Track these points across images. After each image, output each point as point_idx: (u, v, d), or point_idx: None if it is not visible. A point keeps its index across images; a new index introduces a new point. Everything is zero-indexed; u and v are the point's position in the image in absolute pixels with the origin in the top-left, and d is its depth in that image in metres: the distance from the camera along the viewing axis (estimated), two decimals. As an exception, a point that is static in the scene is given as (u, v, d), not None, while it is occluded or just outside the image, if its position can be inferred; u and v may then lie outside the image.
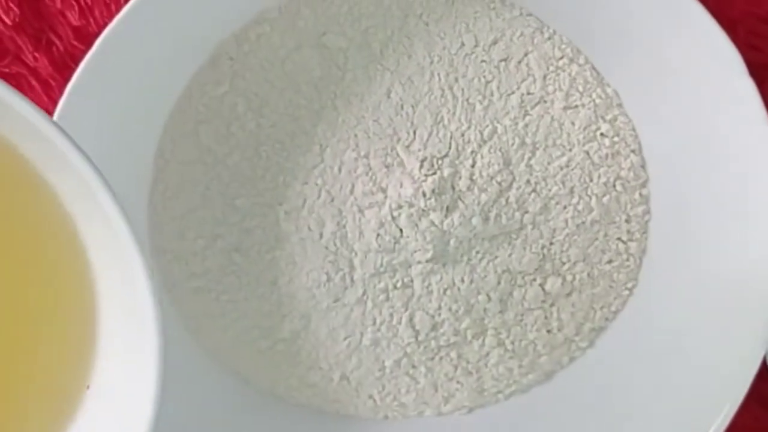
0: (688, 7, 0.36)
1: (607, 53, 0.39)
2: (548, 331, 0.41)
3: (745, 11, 0.42)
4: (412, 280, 0.40)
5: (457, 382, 0.41)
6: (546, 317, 0.41)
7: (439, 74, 0.39)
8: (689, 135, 0.39)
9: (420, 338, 0.40)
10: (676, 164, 0.39)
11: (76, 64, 0.41)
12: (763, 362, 0.38)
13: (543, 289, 0.40)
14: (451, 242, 0.39)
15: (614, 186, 0.40)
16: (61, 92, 0.38)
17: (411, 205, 0.39)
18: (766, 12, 0.42)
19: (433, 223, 0.39)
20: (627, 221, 0.40)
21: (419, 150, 0.39)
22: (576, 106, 0.40)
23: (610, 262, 0.40)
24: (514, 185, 0.40)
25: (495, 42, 0.39)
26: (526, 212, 0.40)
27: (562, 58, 0.40)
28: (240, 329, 0.41)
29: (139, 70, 0.38)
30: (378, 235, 0.39)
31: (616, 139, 0.40)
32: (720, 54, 0.36)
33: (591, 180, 0.40)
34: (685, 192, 0.39)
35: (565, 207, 0.40)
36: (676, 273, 0.40)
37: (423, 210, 0.39)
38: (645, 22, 0.37)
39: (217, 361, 0.41)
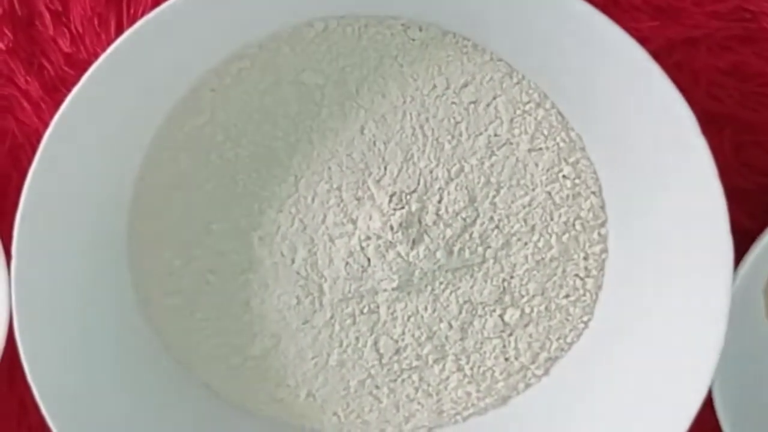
0: (648, 68, 0.37)
1: (572, 99, 0.41)
2: (506, 359, 0.42)
3: (707, 64, 0.43)
4: (378, 307, 0.42)
5: (418, 403, 0.43)
6: (504, 346, 0.42)
7: (411, 114, 0.41)
8: (646, 181, 0.40)
9: (384, 361, 0.42)
10: (634, 206, 0.41)
11: (67, 88, 0.43)
12: (709, 393, 0.40)
13: (502, 320, 0.42)
14: (416, 273, 0.41)
15: (574, 225, 0.42)
16: (51, 114, 0.39)
17: (379, 237, 0.41)
18: (726, 65, 0.43)
19: (399, 254, 0.41)
20: (585, 259, 0.42)
21: (389, 185, 0.41)
22: (540, 149, 0.41)
23: (567, 296, 0.42)
24: (478, 221, 0.41)
25: (465, 85, 0.41)
26: (489, 247, 0.41)
27: (529, 102, 0.41)
28: (213, 345, 0.42)
29: (126, 98, 0.39)
30: (347, 263, 0.41)
31: (577, 181, 0.41)
32: (676, 113, 0.37)
33: (552, 219, 0.41)
34: (640, 233, 0.41)
35: (525, 243, 0.42)
36: (630, 309, 0.42)
37: (390, 242, 0.41)
38: (609, 76, 0.38)
39: (190, 375, 0.43)
